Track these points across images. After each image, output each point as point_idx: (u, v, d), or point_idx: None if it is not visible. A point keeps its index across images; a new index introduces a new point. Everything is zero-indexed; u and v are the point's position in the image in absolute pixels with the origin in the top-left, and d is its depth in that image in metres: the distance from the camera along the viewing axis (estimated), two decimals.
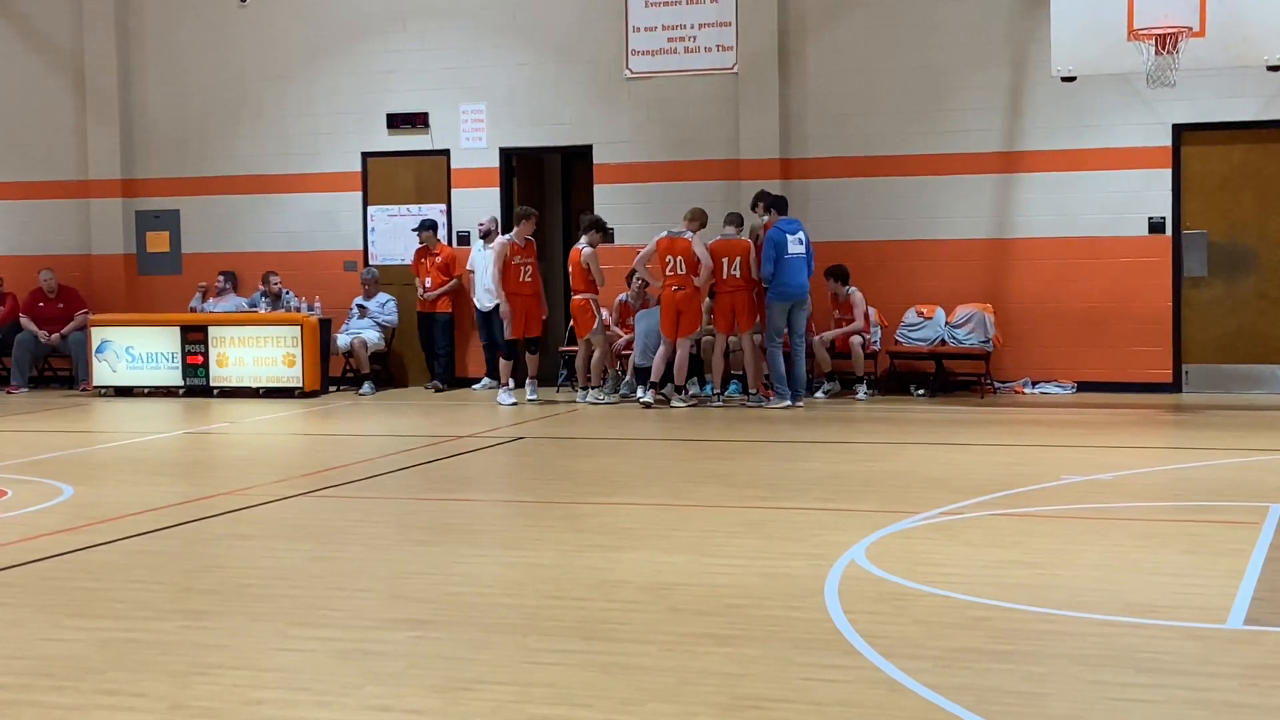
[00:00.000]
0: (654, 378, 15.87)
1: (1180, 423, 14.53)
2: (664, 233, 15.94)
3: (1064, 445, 12.73)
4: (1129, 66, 14.33)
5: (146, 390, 18.06)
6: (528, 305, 16.36)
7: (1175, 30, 13.84)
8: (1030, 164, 16.66)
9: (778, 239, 15.51)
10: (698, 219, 15.88)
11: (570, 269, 16.43)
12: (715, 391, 16.23)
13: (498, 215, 18.19)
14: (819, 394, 16.50)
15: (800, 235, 15.71)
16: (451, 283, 18.04)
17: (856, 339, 16.37)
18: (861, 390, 16.34)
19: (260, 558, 8.48)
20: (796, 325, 15.74)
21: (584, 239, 16.39)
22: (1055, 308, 16.58)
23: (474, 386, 18.16)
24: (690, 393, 16.00)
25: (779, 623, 6.68)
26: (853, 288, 16.55)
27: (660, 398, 15.85)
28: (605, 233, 16.76)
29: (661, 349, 15.85)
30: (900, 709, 5.45)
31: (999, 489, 10.14)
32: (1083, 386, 16.46)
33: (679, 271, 15.66)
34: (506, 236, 16.41)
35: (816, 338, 16.48)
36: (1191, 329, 16.33)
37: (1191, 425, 14.30)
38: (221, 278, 18.84)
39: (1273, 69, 14.28)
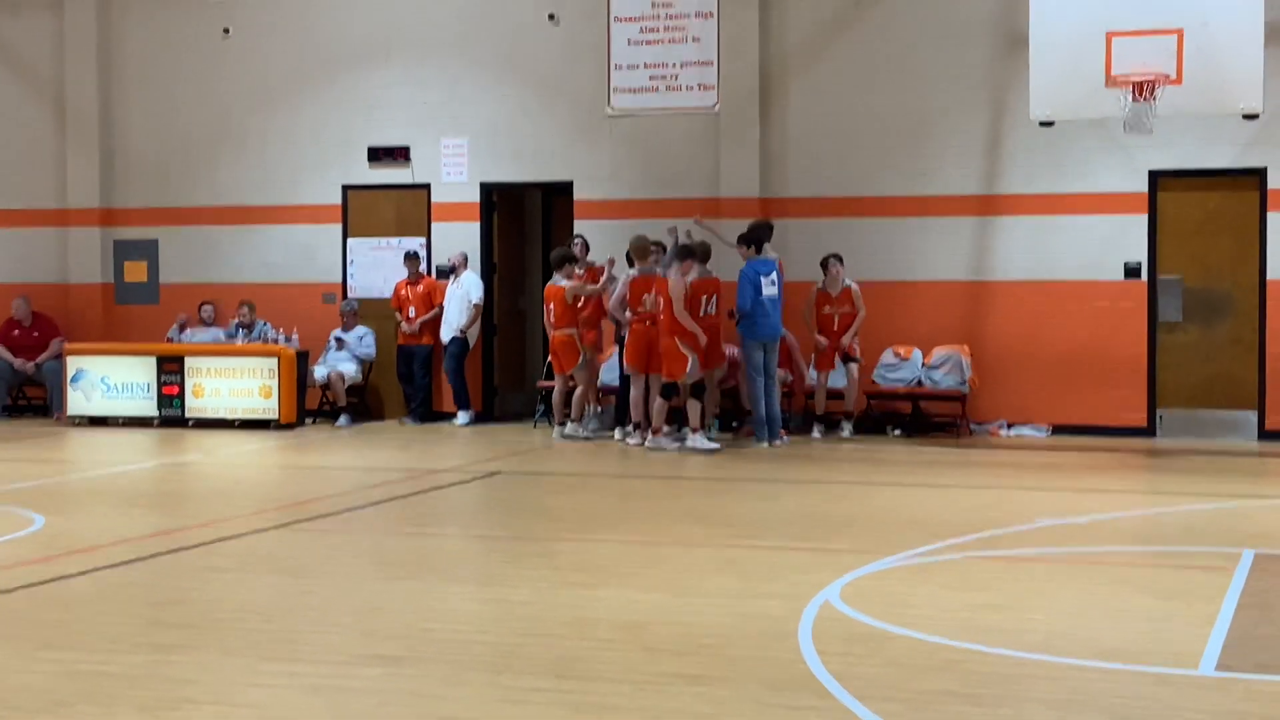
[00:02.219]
0: (634, 418, 15.82)
1: (1154, 467, 14.58)
2: (635, 273, 15.93)
3: (1039, 488, 12.76)
4: (1107, 112, 14.43)
5: (121, 421, 17.98)
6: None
7: (1153, 78, 13.95)
8: (1008, 207, 16.75)
9: (753, 279, 15.56)
10: (645, 250, 15.87)
11: (550, 305, 16.38)
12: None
13: (477, 248, 18.22)
14: (815, 434, 16.35)
15: (773, 276, 15.76)
16: (434, 311, 18.06)
17: (854, 366, 16.34)
18: (847, 428, 16.32)
19: (233, 591, 8.45)
20: (769, 364, 15.79)
21: (559, 275, 16.37)
22: (1032, 350, 16.64)
23: (454, 421, 18.14)
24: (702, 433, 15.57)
25: (752, 663, 6.68)
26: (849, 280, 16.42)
27: (640, 439, 15.77)
28: (573, 261, 16.61)
29: (635, 389, 15.79)
30: None
31: (974, 531, 10.16)
32: (1058, 429, 16.51)
33: (649, 308, 15.60)
34: (632, 272, 16.05)
35: (816, 373, 16.39)
36: (1166, 373, 16.40)
37: (1165, 470, 14.35)
38: (206, 309, 18.78)
39: (1248, 117, 14.39)
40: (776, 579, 8.58)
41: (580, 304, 16.24)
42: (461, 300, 17.74)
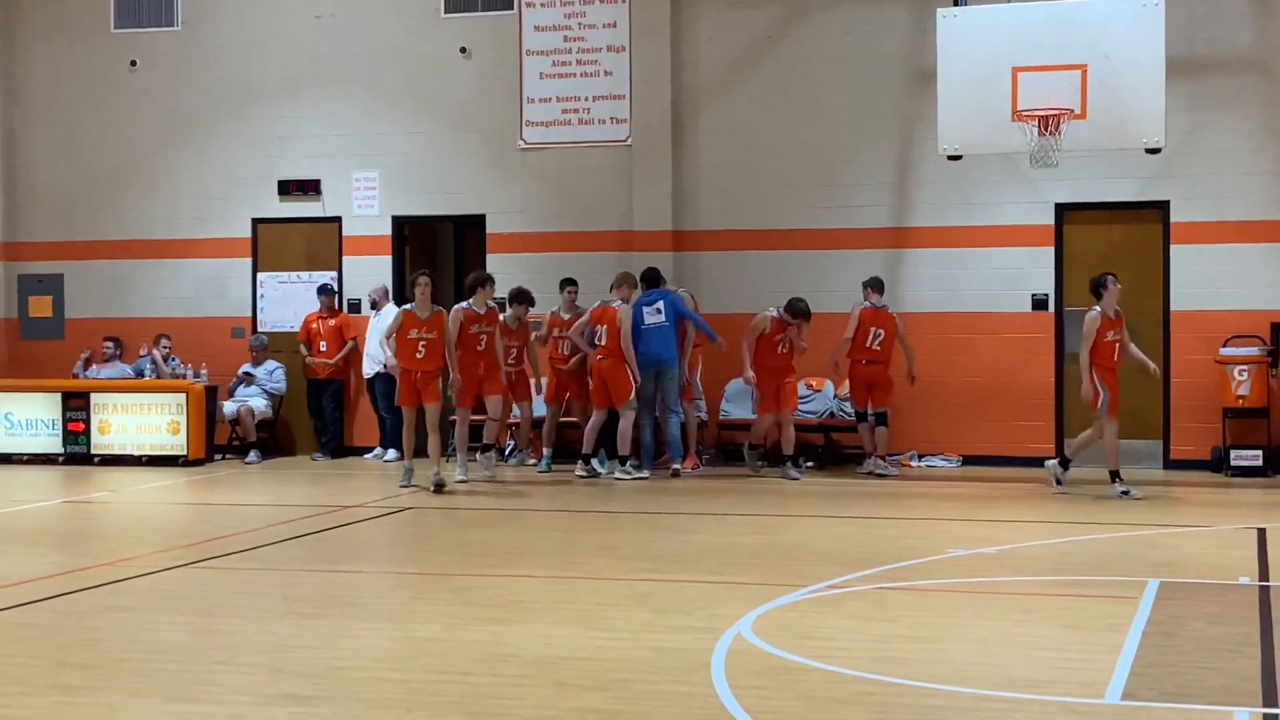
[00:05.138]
0: (585, 449, 15.85)
1: (1062, 497, 14.72)
2: (598, 302, 16.03)
3: (949, 518, 12.86)
4: (1013, 146, 14.64)
5: (26, 458, 17.71)
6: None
7: (1058, 113, 14.18)
8: (917, 240, 16.92)
9: (635, 312, 15.75)
10: (625, 284, 15.92)
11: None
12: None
13: (389, 283, 18.15)
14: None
15: (659, 305, 15.86)
16: (349, 345, 17.95)
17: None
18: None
19: (139, 631, 8.33)
20: (666, 394, 15.88)
21: (511, 311, 16.31)
22: (941, 382, 16.79)
23: (365, 456, 18.02)
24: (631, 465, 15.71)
25: (666, 698, 6.67)
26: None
27: (590, 470, 15.79)
28: (528, 301, 16.54)
29: (593, 418, 15.86)
30: None
31: (885, 562, 10.22)
32: (968, 460, 16.66)
33: (602, 342, 15.68)
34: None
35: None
36: (1074, 404, 16.55)
37: (1073, 500, 14.49)
38: (110, 344, 18.55)
39: (1151, 151, 14.64)
40: (689, 612, 8.58)
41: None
42: (381, 334, 17.62)
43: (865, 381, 16.04)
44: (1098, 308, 14.08)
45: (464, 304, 15.40)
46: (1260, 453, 15.62)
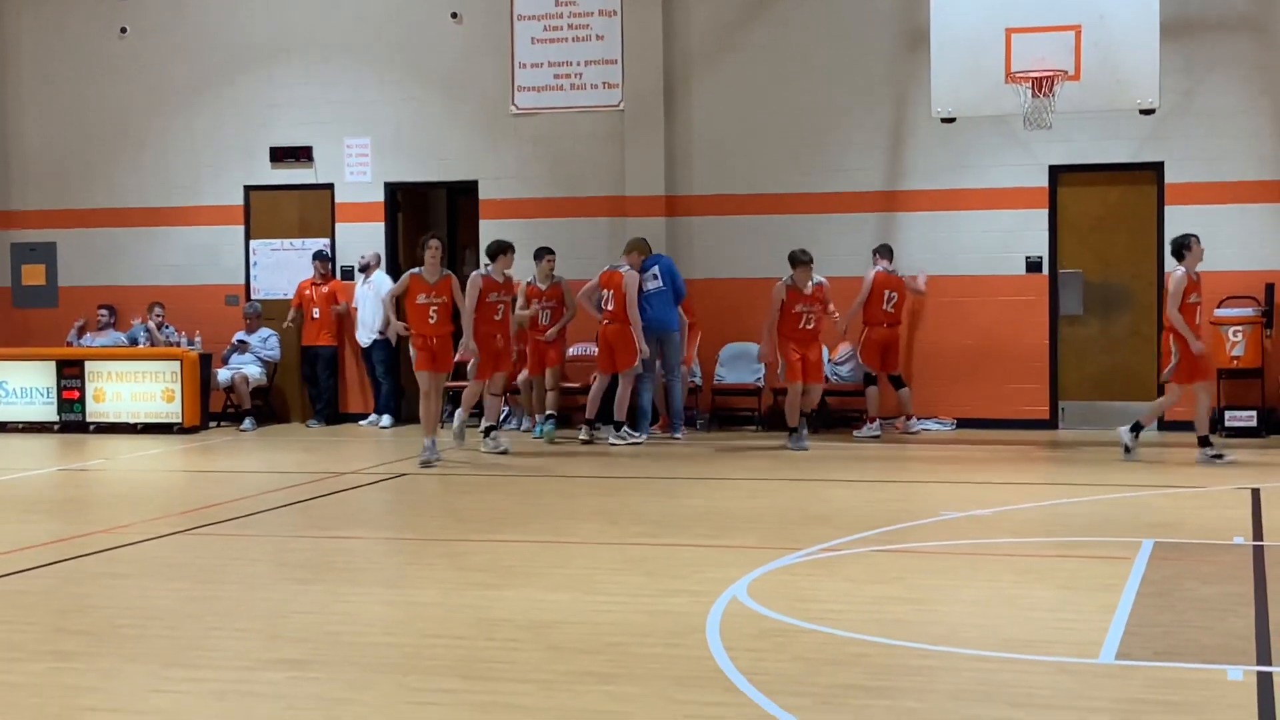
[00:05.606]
0: (589, 414, 15.87)
1: (1056, 459, 14.76)
2: (607, 266, 16.00)
3: (943, 481, 12.88)
4: (1007, 109, 14.61)
5: (21, 426, 17.71)
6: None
7: (1051, 74, 14.15)
8: (910, 203, 16.89)
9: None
10: (635, 250, 15.87)
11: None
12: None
13: (382, 248, 18.13)
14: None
15: (655, 270, 15.87)
16: (341, 306, 17.94)
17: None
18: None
19: (135, 597, 8.34)
20: (668, 358, 15.90)
21: (537, 269, 16.29)
22: (935, 345, 16.79)
23: (360, 423, 18.03)
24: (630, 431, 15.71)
25: (660, 660, 6.68)
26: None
27: (592, 434, 15.80)
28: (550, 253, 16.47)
29: (596, 383, 15.86)
30: None
31: (879, 525, 10.23)
32: (962, 423, 16.67)
33: (608, 306, 15.66)
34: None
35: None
36: (1068, 366, 16.61)
37: (1067, 461, 14.53)
38: (105, 312, 18.53)
39: (1145, 112, 14.63)
40: (684, 576, 8.59)
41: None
42: (374, 301, 17.62)
43: (881, 345, 16.17)
44: (1182, 268, 13.57)
45: (482, 271, 14.97)
46: (1254, 413, 15.64)
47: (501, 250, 14.96)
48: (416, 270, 14.26)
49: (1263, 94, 16.07)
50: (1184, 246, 13.69)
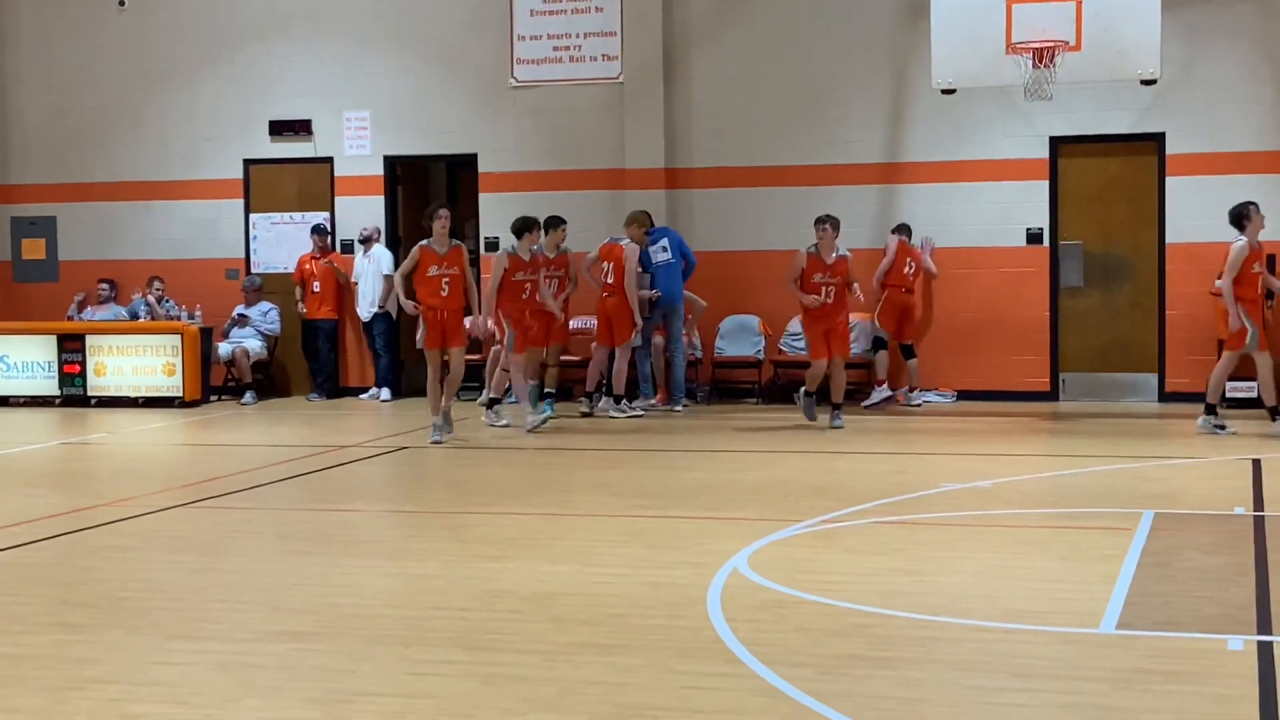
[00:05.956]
0: (589, 387, 15.89)
1: (1057, 430, 14.77)
2: (607, 238, 15.99)
3: (944, 453, 12.90)
4: (1007, 80, 14.57)
5: (22, 400, 17.73)
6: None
7: (1052, 44, 14.11)
8: (911, 175, 16.87)
9: (642, 252, 15.81)
10: (635, 222, 15.83)
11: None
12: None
13: (382, 222, 18.12)
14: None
15: (663, 243, 15.88)
16: (340, 277, 17.94)
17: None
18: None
19: (138, 570, 8.36)
20: (672, 330, 15.92)
21: (547, 239, 15.96)
22: (936, 317, 16.80)
23: (361, 396, 18.04)
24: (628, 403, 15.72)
25: (661, 632, 6.70)
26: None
27: (592, 407, 15.80)
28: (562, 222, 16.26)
29: (596, 356, 15.87)
30: (780, 716, 5.50)
31: (880, 497, 10.25)
32: (963, 395, 16.69)
33: (608, 279, 15.64)
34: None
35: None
36: (1068, 338, 16.61)
37: (1068, 433, 14.54)
38: (106, 286, 18.54)
39: (1146, 83, 14.59)
40: (685, 548, 8.61)
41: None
42: (375, 274, 17.63)
43: (900, 310, 16.32)
44: (1243, 238, 13.31)
45: (508, 249, 14.70)
46: (1255, 385, 15.61)
47: (527, 228, 14.66)
48: (425, 243, 13.88)
49: (1264, 64, 16.04)
50: (1243, 216, 13.40)
